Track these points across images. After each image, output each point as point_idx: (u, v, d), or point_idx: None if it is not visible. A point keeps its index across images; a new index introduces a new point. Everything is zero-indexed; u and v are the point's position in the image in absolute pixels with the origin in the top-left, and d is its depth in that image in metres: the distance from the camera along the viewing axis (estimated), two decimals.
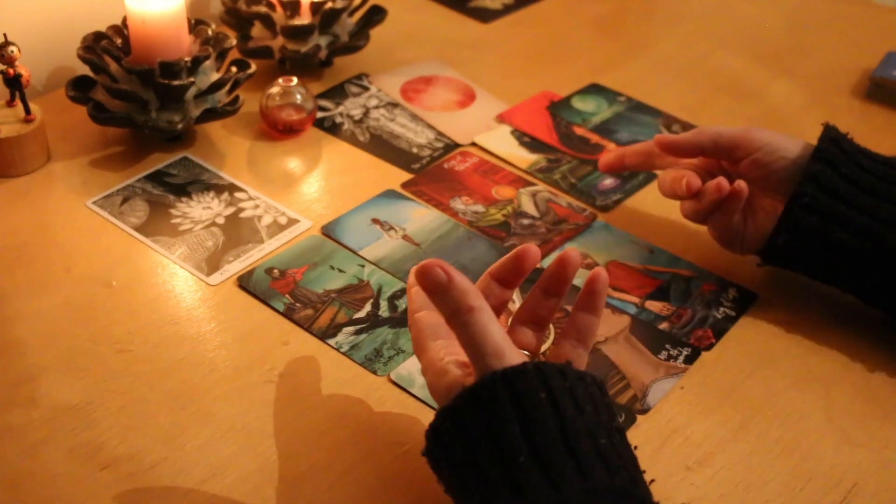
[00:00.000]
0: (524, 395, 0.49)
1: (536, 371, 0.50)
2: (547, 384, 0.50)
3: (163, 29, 0.82)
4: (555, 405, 0.49)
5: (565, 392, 0.50)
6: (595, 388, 0.53)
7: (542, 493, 0.47)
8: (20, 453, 0.61)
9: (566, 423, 0.49)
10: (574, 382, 0.51)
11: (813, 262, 0.72)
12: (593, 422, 0.50)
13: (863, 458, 0.64)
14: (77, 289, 0.73)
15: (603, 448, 0.49)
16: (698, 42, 1.10)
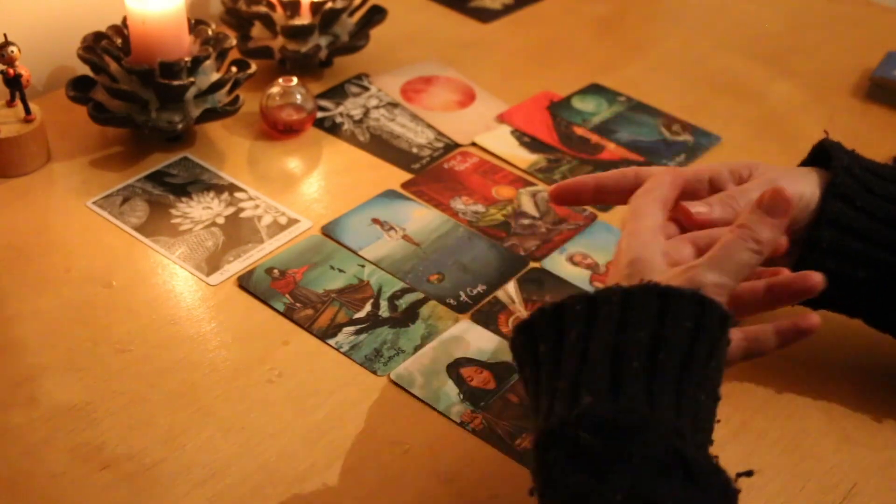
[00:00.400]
0: (669, 317, 0.50)
1: (695, 301, 0.50)
2: (697, 318, 0.50)
3: (163, 29, 0.82)
4: (693, 340, 0.50)
5: (707, 332, 0.50)
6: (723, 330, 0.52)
7: (638, 402, 0.47)
8: (20, 453, 0.61)
9: (693, 359, 0.49)
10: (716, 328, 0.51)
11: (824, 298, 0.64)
12: (709, 369, 0.50)
13: (863, 458, 0.64)
14: (77, 289, 0.73)
15: (704, 396, 0.50)
16: (698, 42, 1.10)
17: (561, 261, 0.78)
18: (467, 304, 0.73)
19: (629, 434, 0.46)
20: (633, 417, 0.47)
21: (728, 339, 0.52)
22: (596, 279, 0.76)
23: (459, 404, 0.65)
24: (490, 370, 0.68)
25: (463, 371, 0.68)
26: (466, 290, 0.74)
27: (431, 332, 0.71)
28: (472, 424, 0.64)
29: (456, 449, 0.63)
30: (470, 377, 0.67)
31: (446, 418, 0.64)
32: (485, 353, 0.69)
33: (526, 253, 0.78)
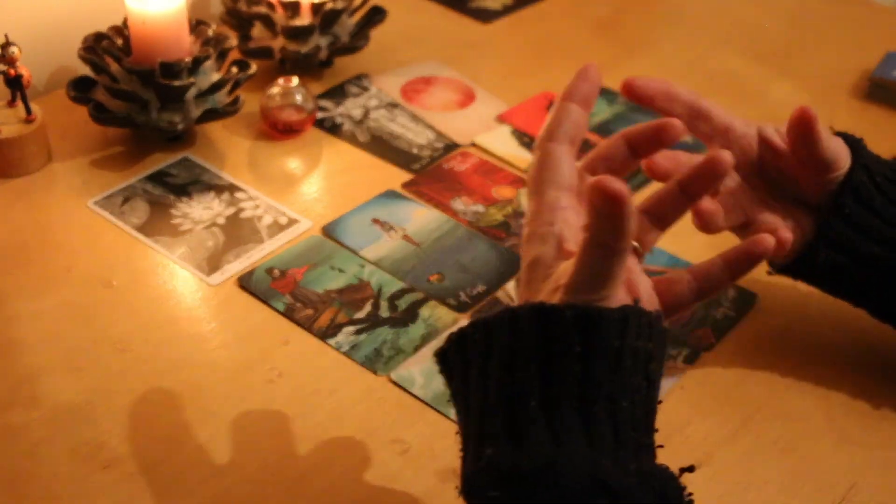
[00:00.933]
0: (556, 343, 0.46)
1: (580, 317, 0.46)
2: (585, 335, 0.46)
3: (163, 29, 0.82)
4: (587, 359, 0.46)
5: (601, 345, 0.46)
6: (645, 335, 0.48)
7: (542, 443, 0.44)
8: (20, 453, 0.61)
9: (591, 382, 0.46)
10: (626, 341, 0.47)
11: (835, 277, 0.67)
12: (623, 382, 0.47)
13: (862, 458, 0.64)
14: (77, 289, 0.73)
15: (621, 412, 0.46)
16: (698, 42, 1.10)
17: None
18: (467, 304, 0.73)
19: (539, 480, 0.44)
20: (539, 461, 0.44)
21: (645, 330, 0.48)
22: None
23: None
24: None
25: None
26: (466, 290, 0.74)
27: (431, 332, 0.71)
28: None
29: (456, 449, 0.63)
30: None
31: (446, 418, 0.65)
32: None
33: None
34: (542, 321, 0.46)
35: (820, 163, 0.64)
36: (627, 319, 0.47)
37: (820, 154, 0.64)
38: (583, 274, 0.47)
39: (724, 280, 0.55)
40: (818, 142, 0.63)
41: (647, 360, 0.48)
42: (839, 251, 0.65)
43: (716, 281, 0.55)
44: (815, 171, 0.65)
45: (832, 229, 0.65)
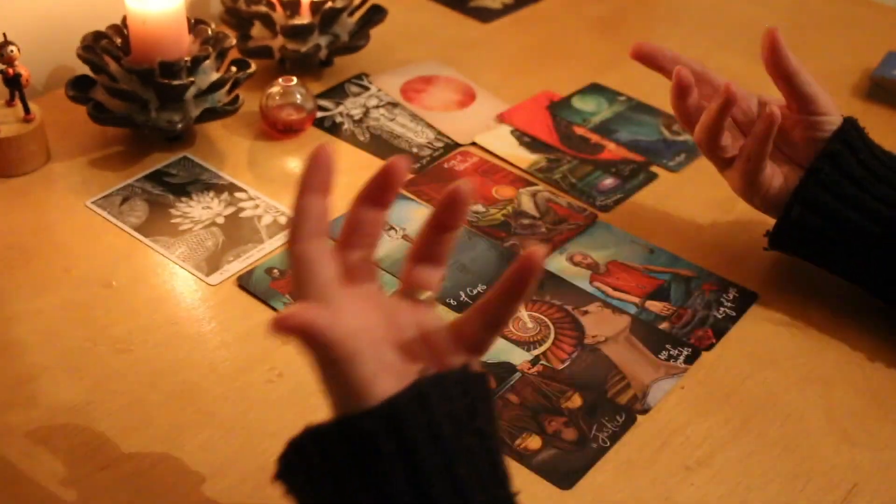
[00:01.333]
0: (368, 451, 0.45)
1: (388, 418, 0.45)
2: (399, 430, 0.45)
3: (163, 28, 0.82)
4: (405, 453, 0.45)
5: (421, 428, 0.45)
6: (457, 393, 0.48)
7: None
8: (20, 453, 0.60)
9: (417, 469, 0.45)
10: (432, 411, 0.46)
11: (820, 243, 0.72)
12: (452, 449, 0.46)
13: (863, 459, 0.64)
14: (77, 289, 0.73)
15: (461, 479, 0.46)
16: (698, 42, 1.10)
17: (561, 261, 0.78)
18: (467, 304, 0.73)
19: None
20: None
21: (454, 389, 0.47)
22: (596, 279, 0.76)
23: None
24: (490, 370, 0.68)
25: None
26: (466, 290, 0.74)
27: None
28: None
29: None
30: None
31: None
32: None
33: None
34: (342, 438, 0.46)
35: (801, 98, 0.71)
36: (425, 395, 0.46)
37: (797, 84, 0.71)
38: (337, 395, 0.47)
39: (508, 304, 0.51)
40: (789, 65, 0.71)
41: (472, 417, 0.48)
42: (814, 212, 0.70)
43: (502, 309, 0.51)
44: (801, 111, 0.72)
45: (807, 190, 0.71)
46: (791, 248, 0.74)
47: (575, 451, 0.63)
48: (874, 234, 0.69)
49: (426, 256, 0.53)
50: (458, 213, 0.52)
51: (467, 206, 0.52)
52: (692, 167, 0.89)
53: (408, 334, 0.50)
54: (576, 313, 0.73)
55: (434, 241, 0.53)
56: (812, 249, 0.73)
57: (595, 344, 0.71)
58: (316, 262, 0.49)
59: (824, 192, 0.70)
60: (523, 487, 0.60)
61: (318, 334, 0.45)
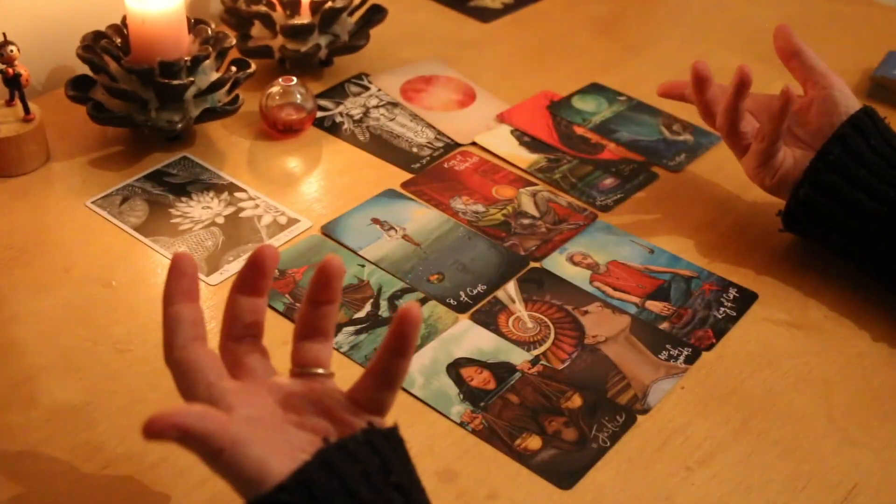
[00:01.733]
0: None
1: (302, 488, 0.45)
2: (314, 499, 0.45)
3: (162, 28, 0.82)
4: None
5: (335, 492, 0.46)
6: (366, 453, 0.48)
7: None
8: (20, 453, 0.60)
9: None
10: (343, 475, 0.47)
11: (830, 224, 0.73)
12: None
13: (864, 459, 0.64)
14: (77, 289, 0.73)
15: None
16: (698, 42, 1.10)
17: (561, 261, 0.78)
18: (467, 304, 0.73)
19: None
20: None
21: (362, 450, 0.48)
22: (596, 279, 0.76)
23: (459, 404, 0.65)
24: (490, 370, 0.68)
25: (463, 371, 0.68)
26: (466, 290, 0.74)
27: (431, 332, 0.70)
28: (471, 424, 0.64)
29: (456, 449, 0.63)
30: (470, 377, 0.67)
31: (446, 418, 0.64)
32: (485, 353, 0.69)
33: (526, 253, 0.78)
34: None
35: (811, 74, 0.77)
36: (329, 461, 0.47)
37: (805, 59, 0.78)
38: (238, 487, 0.46)
39: (399, 364, 0.51)
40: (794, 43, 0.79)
41: (386, 473, 0.48)
42: (823, 193, 0.73)
43: (393, 369, 0.51)
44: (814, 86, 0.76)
45: (816, 171, 0.73)
46: (802, 229, 0.76)
47: (575, 451, 0.63)
48: (881, 214, 0.70)
49: (312, 333, 0.54)
50: (333, 287, 0.53)
51: (340, 280, 0.54)
52: (692, 167, 0.89)
53: (306, 412, 0.51)
54: (576, 313, 0.73)
55: (315, 316, 0.54)
56: (822, 231, 0.74)
57: (595, 344, 0.70)
58: (196, 367, 0.50)
59: (833, 174, 0.72)
60: (523, 487, 0.61)
61: (192, 430, 0.45)
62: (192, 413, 0.46)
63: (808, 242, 0.80)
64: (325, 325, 0.54)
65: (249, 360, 0.54)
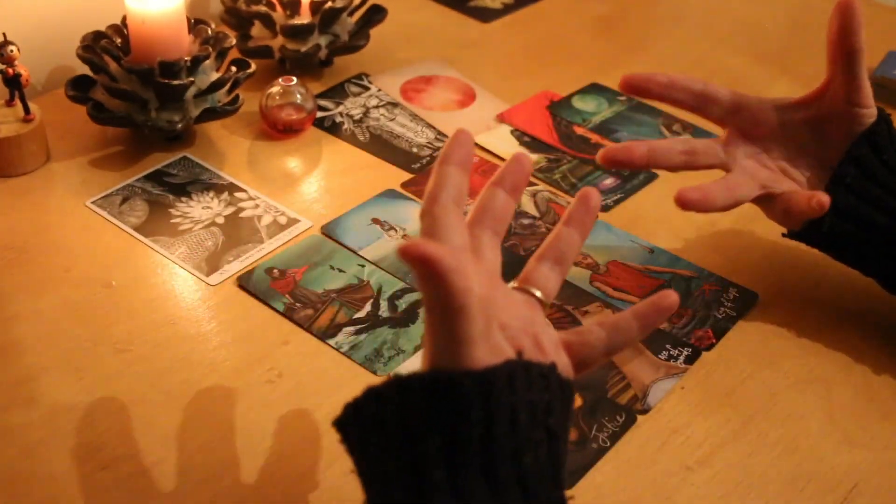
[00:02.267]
0: (456, 410, 0.44)
1: (483, 386, 0.45)
2: (487, 403, 0.45)
3: (162, 28, 0.82)
4: (488, 425, 0.45)
5: (505, 407, 0.45)
6: (540, 386, 0.48)
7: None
8: (20, 453, 0.60)
9: (493, 443, 0.45)
10: (518, 395, 0.46)
11: (843, 244, 0.70)
12: (523, 437, 0.46)
13: (864, 459, 0.64)
14: (77, 289, 0.73)
15: (525, 468, 0.45)
16: (698, 42, 1.10)
17: None
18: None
19: None
20: None
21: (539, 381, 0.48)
22: (596, 279, 0.76)
23: None
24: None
25: None
26: None
27: None
28: None
29: None
30: None
31: None
32: None
33: (526, 253, 0.78)
34: (432, 392, 0.45)
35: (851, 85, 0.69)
36: (514, 374, 0.46)
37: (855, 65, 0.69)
38: (434, 344, 0.46)
39: (633, 334, 0.54)
40: (858, 41, 0.68)
41: (547, 413, 0.47)
42: (844, 219, 0.69)
43: (626, 334, 0.54)
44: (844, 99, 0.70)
45: (836, 197, 0.68)
46: (811, 244, 0.73)
47: (575, 451, 0.63)
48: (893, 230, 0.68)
49: (550, 254, 0.56)
50: (590, 214, 0.56)
51: (597, 210, 0.57)
52: None
53: (517, 323, 0.51)
54: (576, 313, 0.73)
55: (562, 239, 0.56)
56: (835, 252, 0.72)
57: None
58: (451, 227, 0.50)
59: (849, 196, 0.69)
60: None
61: (442, 273, 0.43)
62: (450, 259, 0.43)
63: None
64: (566, 253, 0.56)
65: (487, 250, 0.53)
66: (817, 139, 0.72)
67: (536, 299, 0.55)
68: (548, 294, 0.56)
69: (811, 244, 0.72)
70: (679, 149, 0.71)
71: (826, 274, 0.77)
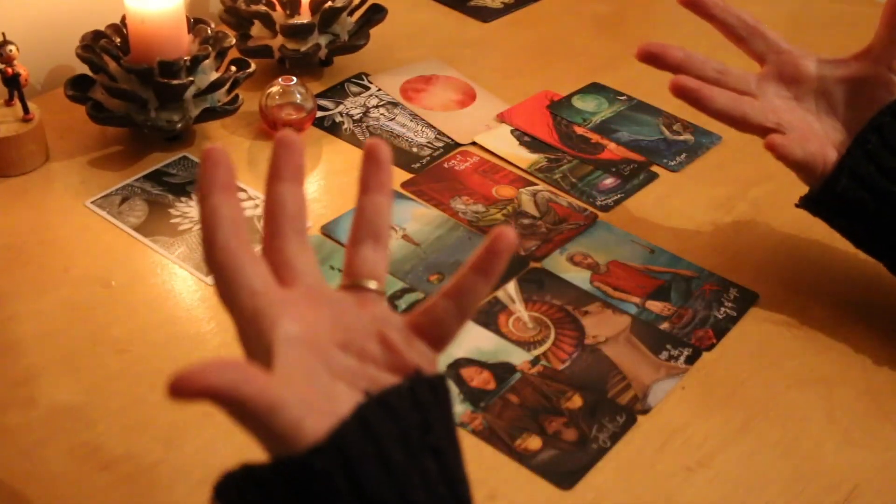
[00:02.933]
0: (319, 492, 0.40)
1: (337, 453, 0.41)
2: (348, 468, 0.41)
3: (162, 28, 0.82)
4: (358, 489, 0.41)
5: (370, 458, 0.41)
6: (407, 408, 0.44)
7: None
8: (20, 453, 0.60)
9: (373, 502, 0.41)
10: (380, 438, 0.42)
11: (858, 215, 0.69)
12: (405, 475, 0.42)
13: (864, 459, 0.63)
14: (76, 289, 0.72)
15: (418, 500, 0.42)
16: (698, 42, 1.09)
17: (561, 261, 0.78)
18: None
19: None
20: None
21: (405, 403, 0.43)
22: (596, 279, 0.76)
23: (459, 404, 0.65)
24: (490, 370, 0.68)
25: (463, 371, 0.68)
26: None
27: None
28: (472, 425, 0.64)
29: None
30: (470, 377, 0.67)
31: None
32: (485, 353, 0.69)
33: (526, 253, 0.78)
34: (287, 482, 0.41)
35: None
36: (367, 419, 0.42)
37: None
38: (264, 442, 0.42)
39: (479, 286, 0.47)
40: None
41: (425, 432, 0.43)
42: (860, 184, 0.68)
43: (472, 292, 0.47)
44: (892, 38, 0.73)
45: (854, 160, 0.68)
46: (825, 216, 0.72)
47: (575, 451, 0.63)
48: None
49: (364, 234, 0.50)
50: (382, 172, 0.50)
51: (389, 167, 0.50)
52: (692, 167, 0.89)
53: (357, 332, 0.46)
54: (576, 313, 0.73)
55: (367, 212, 0.50)
56: (846, 220, 0.71)
57: (595, 344, 0.70)
58: (242, 269, 0.45)
59: (869, 164, 0.69)
60: (523, 488, 0.60)
61: (224, 395, 0.40)
62: (230, 372, 0.40)
63: (808, 242, 0.80)
64: (378, 224, 0.50)
65: (298, 262, 0.48)
66: (849, 100, 0.73)
67: (372, 291, 0.49)
68: (380, 280, 0.49)
69: (822, 214, 0.72)
70: (713, 65, 0.74)
71: (826, 274, 0.77)
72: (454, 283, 0.47)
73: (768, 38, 0.75)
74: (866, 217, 0.69)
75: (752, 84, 0.74)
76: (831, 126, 0.73)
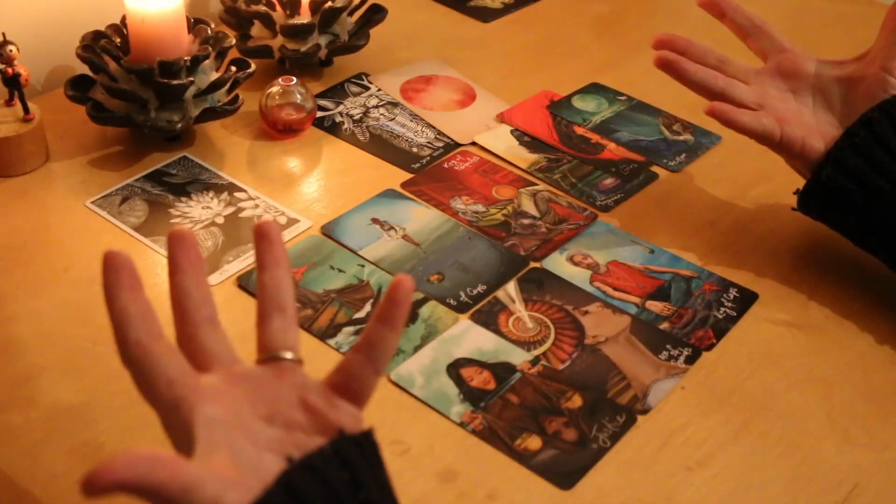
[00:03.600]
0: None
1: None
2: None
3: (162, 28, 0.82)
4: None
5: None
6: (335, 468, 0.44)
7: None
8: (19, 453, 0.60)
9: None
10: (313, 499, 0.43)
11: (848, 208, 0.72)
12: None
13: (864, 459, 0.63)
14: (76, 289, 0.72)
15: None
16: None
17: (561, 261, 0.78)
18: (467, 304, 0.73)
19: None
20: None
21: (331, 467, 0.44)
22: (596, 279, 0.76)
23: (459, 404, 0.65)
24: (490, 370, 0.68)
25: (463, 371, 0.68)
26: (466, 290, 0.74)
27: (431, 332, 0.70)
28: (471, 425, 0.64)
29: (456, 449, 0.63)
30: (470, 377, 0.67)
31: (446, 418, 0.64)
32: (485, 353, 0.69)
33: (526, 253, 0.78)
34: None
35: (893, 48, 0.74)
36: (294, 486, 0.43)
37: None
38: None
39: (387, 337, 0.49)
40: None
41: (355, 490, 0.44)
42: (846, 176, 0.71)
43: (382, 344, 0.49)
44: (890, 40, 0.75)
45: (840, 151, 0.71)
46: (818, 211, 0.75)
47: (575, 451, 0.63)
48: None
49: (269, 308, 0.50)
50: (273, 246, 0.51)
51: (279, 240, 0.51)
52: (692, 167, 0.89)
53: (277, 403, 0.47)
54: (576, 313, 0.73)
55: (267, 285, 0.51)
56: (838, 214, 0.73)
57: (595, 344, 0.70)
58: (155, 364, 0.46)
59: (858, 157, 0.71)
60: (523, 487, 0.61)
61: (136, 485, 0.40)
62: (138, 464, 0.41)
63: (808, 242, 0.80)
64: (281, 297, 0.50)
65: (212, 346, 0.49)
66: (844, 98, 0.76)
67: (288, 361, 0.49)
68: (293, 349, 0.50)
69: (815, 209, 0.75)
70: (715, 55, 0.79)
71: (826, 274, 0.77)
72: (363, 336, 0.49)
73: (773, 37, 0.80)
74: (856, 209, 0.71)
75: (751, 75, 0.78)
76: (827, 121, 0.75)
